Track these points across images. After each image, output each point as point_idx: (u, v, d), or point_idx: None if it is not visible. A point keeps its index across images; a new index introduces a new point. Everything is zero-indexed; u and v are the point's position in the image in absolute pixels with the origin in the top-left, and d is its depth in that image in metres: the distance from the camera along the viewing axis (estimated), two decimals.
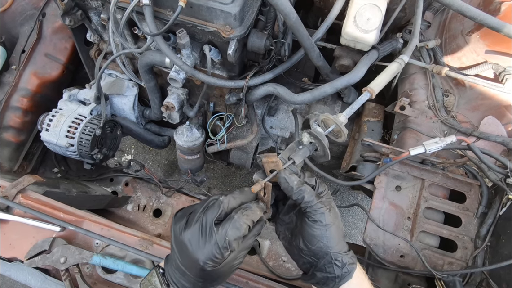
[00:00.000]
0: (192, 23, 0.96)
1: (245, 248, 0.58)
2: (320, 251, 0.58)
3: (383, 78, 0.90)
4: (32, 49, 1.28)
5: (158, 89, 1.28)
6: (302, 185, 0.58)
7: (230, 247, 0.53)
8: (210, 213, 0.55)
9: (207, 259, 0.53)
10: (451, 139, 0.92)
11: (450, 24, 1.09)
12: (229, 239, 0.53)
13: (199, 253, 0.53)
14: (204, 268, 0.54)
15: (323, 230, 0.57)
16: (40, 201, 0.81)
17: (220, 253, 0.53)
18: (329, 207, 0.58)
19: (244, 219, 0.54)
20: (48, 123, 1.17)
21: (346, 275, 0.58)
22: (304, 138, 0.66)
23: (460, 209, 1.06)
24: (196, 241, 0.54)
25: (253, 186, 0.56)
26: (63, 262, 0.72)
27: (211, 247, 0.53)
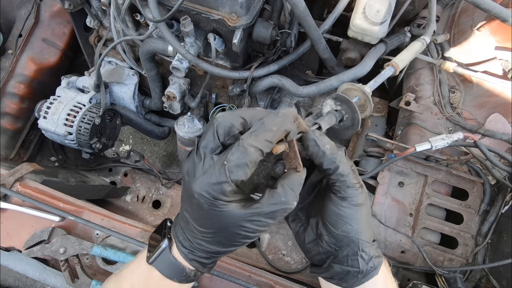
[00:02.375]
0: (196, 10, 0.93)
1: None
2: (346, 237, 0.46)
3: (406, 55, 0.87)
4: (29, 34, 1.24)
5: (160, 78, 1.25)
6: (337, 150, 0.45)
7: (231, 176, 0.39)
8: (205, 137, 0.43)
9: (202, 190, 0.40)
10: (458, 136, 0.91)
11: (459, 19, 1.07)
12: (228, 165, 0.39)
13: (193, 183, 0.41)
14: (201, 204, 0.41)
15: (353, 210, 0.45)
16: (39, 189, 0.79)
17: (217, 184, 0.39)
18: (362, 183, 0.47)
19: (255, 142, 0.40)
20: (46, 110, 1.14)
21: (372, 271, 0.47)
22: (327, 107, 0.56)
23: (462, 206, 1.06)
24: (192, 170, 0.42)
25: (276, 146, 0.42)
26: (62, 253, 0.71)
27: (207, 174, 0.40)
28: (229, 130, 0.42)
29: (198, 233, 0.46)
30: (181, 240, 0.48)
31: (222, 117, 0.43)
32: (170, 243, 0.49)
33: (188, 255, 0.48)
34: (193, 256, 0.47)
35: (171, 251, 0.49)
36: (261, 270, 0.78)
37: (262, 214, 0.42)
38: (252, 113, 0.43)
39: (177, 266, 0.48)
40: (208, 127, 0.44)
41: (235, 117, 0.42)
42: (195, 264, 0.48)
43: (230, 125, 0.42)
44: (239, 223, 0.42)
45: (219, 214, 0.42)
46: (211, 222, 0.43)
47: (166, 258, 0.49)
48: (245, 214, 0.41)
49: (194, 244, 0.47)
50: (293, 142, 0.43)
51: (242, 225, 0.42)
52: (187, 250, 0.47)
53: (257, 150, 0.40)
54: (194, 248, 0.47)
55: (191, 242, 0.47)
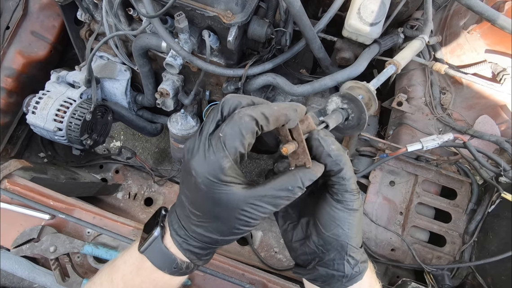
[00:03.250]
0: (191, 6, 0.92)
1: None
2: (335, 240, 0.45)
3: (407, 53, 0.87)
4: (17, 26, 1.20)
5: (153, 74, 1.24)
6: (343, 152, 0.44)
7: (227, 147, 0.38)
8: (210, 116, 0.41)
9: (199, 167, 0.38)
10: (448, 137, 0.93)
11: (451, 21, 1.09)
12: (225, 137, 0.38)
13: (191, 160, 0.39)
14: (199, 184, 0.39)
15: (347, 214, 0.44)
16: (28, 187, 0.77)
17: (215, 161, 0.38)
18: (359, 191, 0.46)
19: (249, 111, 0.38)
20: (35, 105, 1.11)
21: (357, 276, 0.46)
22: (332, 104, 0.54)
23: (450, 205, 1.08)
24: (192, 148, 0.40)
25: (285, 146, 0.41)
26: (52, 251, 0.70)
27: (205, 150, 0.39)
28: (236, 107, 0.40)
29: (194, 218, 0.43)
30: (175, 228, 0.45)
31: (231, 96, 0.41)
32: (163, 232, 0.47)
33: (182, 244, 0.45)
34: (188, 245, 0.45)
35: (163, 240, 0.46)
36: (255, 268, 0.78)
37: (265, 198, 0.40)
38: (262, 100, 0.43)
39: (168, 256, 0.46)
40: (216, 105, 0.42)
41: (245, 98, 0.41)
42: (189, 255, 0.46)
43: (238, 103, 0.41)
44: (239, 205, 0.40)
45: (218, 195, 0.39)
46: (209, 204, 0.41)
47: (157, 247, 0.46)
48: (247, 196, 0.39)
49: (189, 232, 0.44)
50: (301, 138, 0.41)
51: (243, 208, 0.40)
52: (181, 239, 0.45)
53: (253, 120, 0.38)
54: (189, 237, 0.44)
55: (187, 230, 0.44)
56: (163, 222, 0.48)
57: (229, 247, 1.27)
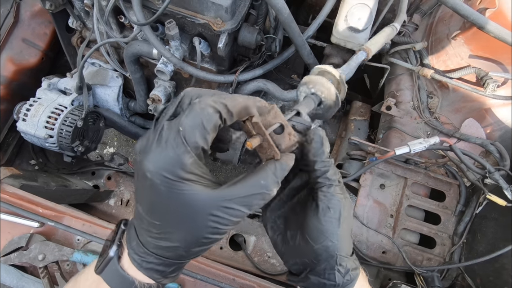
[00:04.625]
0: (182, 14, 0.93)
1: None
2: (325, 252, 0.43)
3: (378, 39, 0.87)
4: (8, 33, 1.20)
5: (144, 81, 1.24)
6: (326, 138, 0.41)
7: (188, 141, 0.32)
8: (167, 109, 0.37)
9: (156, 166, 0.33)
10: (435, 140, 0.95)
11: (436, 28, 1.12)
12: (184, 130, 0.32)
13: (145, 160, 0.33)
14: (156, 187, 0.33)
15: (335, 225, 0.42)
16: (17, 195, 0.77)
17: (174, 156, 0.32)
18: (346, 196, 0.44)
19: (210, 101, 0.33)
20: (26, 112, 1.11)
21: (348, 284, 0.45)
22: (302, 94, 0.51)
23: (439, 207, 1.10)
24: (145, 146, 0.34)
25: (249, 140, 0.37)
26: (41, 259, 0.69)
27: (161, 146, 0.33)
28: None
29: (154, 230, 0.37)
30: (133, 246, 0.39)
31: (191, 88, 0.37)
32: (120, 250, 0.41)
33: (142, 263, 0.39)
34: (148, 264, 0.39)
35: (120, 260, 0.41)
36: (245, 273, 0.78)
37: (236, 198, 0.34)
38: (223, 92, 0.38)
39: (125, 278, 0.40)
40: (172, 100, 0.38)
41: (206, 91, 0.37)
42: (152, 274, 0.39)
43: (198, 95, 0.36)
44: (207, 209, 0.34)
45: (181, 199, 0.33)
46: (170, 210, 0.35)
47: (114, 269, 0.41)
48: (216, 197, 0.34)
49: (149, 249, 0.38)
50: (264, 130, 0.38)
51: (212, 212, 0.34)
52: (140, 258, 0.39)
53: (216, 112, 0.33)
54: (149, 254, 0.38)
55: (145, 246, 0.38)
56: (120, 240, 0.42)
57: (222, 252, 1.26)
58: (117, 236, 0.43)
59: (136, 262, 0.39)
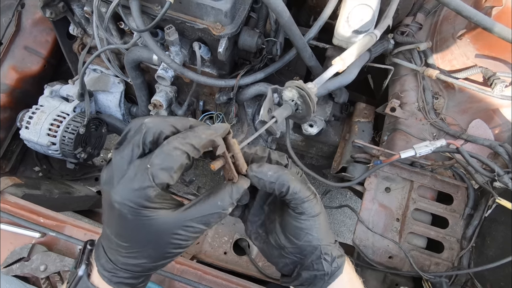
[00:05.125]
0: (181, 19, 0.93)
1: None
2: (309, 245, 0.47)
3: (355, 50, 0.87)
4: (10, 42, 1.21)
5: (146, 86, 1.24)
6: (281, 171, 0.45)
7: (156, 180, 0.36)
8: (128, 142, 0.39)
9: (123, 198, 0.37)
10: (441, 143, 0.92)
11: (441, 27, 1.09)
12: (152, 169, 0.36)
13: (112, 191, 0.38)
14: (123, 215, 0.38)
15: (312, 221, 0.46)
16: (19, 205, 0.77)
17: (140, 190, 0.36)
18: (314, 192, 0.47)
19: (179, 144, 0.37)
20: (28, 120, 1.11)
21: (336, 271, 0.48)
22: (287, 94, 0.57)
23: (447, 211, 1.08)
24: (111, 178, 0.38)
25: (212, 163, 0.42)
26: (43, 270, 0.69)
27: (128, 180, 0.37)
28: (158, 137, 0.38)
29: (123, 250, 0.41)
30: (102, 263, 0.43)
31: (152, 122, 0.39)
32: (89, 269, 0.45)
33: (112, 278, 0.43)
34: (118, 278, 0.43)
35: (90, 278, 0.45)
36: (248, 281, 0.77)
37: (195, 218, 0.40)
38: (184, 122, 0.41)
39: None
40: (132, 132, 0.39)
41: (166, 124, 0.39)
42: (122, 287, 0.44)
43: (160, 132, 0.38)
44: (170, 230, 0.39)
45: (147, 223, 0.38)
46: (137, 234, 0.39)
47: (84, 287, 0.44)
48: (178, 218, 0.39)
49: (117, 265, 0.42)
50: (226, 155, 0.42)
51: (174, 232, 0.39)
52: (110, 273, 0.43)
53: (183, 153, 0.37)
54: (118, 269, 0.42)
55: (114, 263, 0.42)
56: (88, 259, 0.46)
57: (226, 257, 1.25)
58: (84, 256, 0.46)
59: (106, 278, 0.43)
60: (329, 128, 1.41)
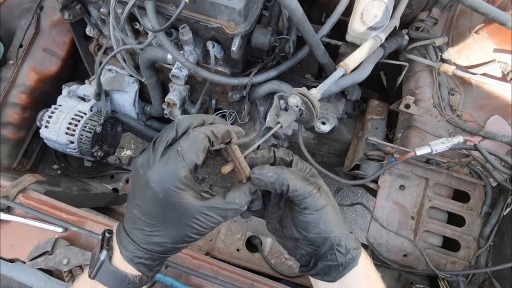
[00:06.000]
0: (195, 18, 0.94)
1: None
2: (319, 237, 0.49)
3: (358, 54, 0.87)
4: (30, 44, 1.25)
5: (160, 85, 1.26)
6: (281, 171, 0.48)
7: (185, 159, 0.43)
8: (164, 134, 0.46)
9: (158, 177, 0.43)
10: (458, 140, 0.91)
11: (458, 22, 1.07)
12: (182, 150, 0.43)
13: (149, 172, 0.43)
14: (156, 194, 0.43)
15: (317, 215, 0.48)
16: (42, 201, 0.79)
17: (173, 171, 0.42)
18: (318, 186, 0.49)
19: (202, 129, 0.45)
20: (48, 120, 1.15)
21: (351, 262, 0.49)
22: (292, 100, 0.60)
23: (464, 209, 1.06)
24: (146, 162, 0.44)
25: (223, 167, 0.49)
26: (66, 264, 0.71)
27: (163, 162, 0.43)
28: (189, 126, 0.46)
29: (148, 228, 0.46)
30: (125, 244, 0.48)
31: (183, 117, 0.47)
32: (110, 253, 0.50)
33: (133, 259, 0.48)
34: (138, 259, 0.48)
35: (112, 260, 0.49)
36: (263, 277, 0.78)
37: (215, 209, 0.45)
38: (209, 118, 0.49)
39: (119, 275, 0.48)
40: (168, 126, 0.47)
41: (196, 118, 0.48)
42: (140, 268, 0.48)
43: (190, 123, 0.46)
44: (192, 214, 0.44)
45: (175, 204, 0.44)
46: (164, 213, 0.45)
47: (107, 270, 0.49)
48: (200, 205, 0.45)
49: (140, 245, 0.47)
50: (234, 159, 0.49)
51: (195, 216, 0.45)
52: (131, 254, 0.48)
53: (206, 136, 0.45)
54: (140, 250, 0.47)
55: (137, 243, 0.47)
56: (108, 244, 0.51)
57: (238, 254, 1.27)
58: (104, 243, 0.51)
59: (128, 258, 0.48)
60: (342, 126, 1.40)
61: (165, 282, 0.71)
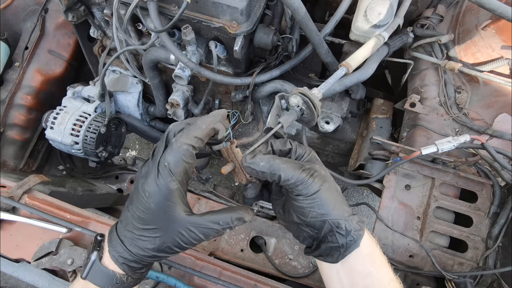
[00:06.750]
0: (197, 18, 0.94)
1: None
2: (317, 221, 0.50)
3: (361, 53, 0.85)
4: (35, 46, 1.26)
5: (163, 86, 1.26)
6: (273, 160, 0.49)
7: (174, 173, 0.46)
8: (158, 145, 0.50)
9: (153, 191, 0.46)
10: (465, 138, 0.89)
11: (464, 18, 1.05)
12: (169, 164, 0.46)
13: (145, 184, 0.47)
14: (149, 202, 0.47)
15: (310, 200, 0.49)
16: (46, 201, 0.80)
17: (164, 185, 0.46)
18: (312, 172, 0.50)
19: (183, 138, 0.47)
20: (53, 121, 1.16)
21: (352, 244, 0.49)
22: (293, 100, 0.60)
23: (471, 209, 1.04)
24: (145, 173, 0.49)
25: (223, 168, 0.51)
26: (70, 264, 0.72)
27: (156, 177, 0.47)
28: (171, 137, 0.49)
29: (137, 232, 0.49)
30: (114, 244, 0.51)
31: (172, 125, 0.51)
32: (100, 253, 0.52)
33: (118, 258, 0.50)
34: (123, 259, 0.50)
35: (102, 260, 0.52)
36: (267, 278, 0.77)
37: (198, 226, 0.48)
38: (192, 119, 0.51)
39: (108, 274, 0.51)
40: (161, 137, 0.50)
41: (182, 123, 0.51)
42: (124, 268, 0.51)
43: (174, 132, 0.49)
44: (177, 227, 0.48)
45: (164, 215, 0.47)
46: (154, 221, 0.48)
47: (97, 269, 0.52)
48: (186, 220, 0.47)
49: (127, 246, 0.50)
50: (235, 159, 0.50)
51: (179, 230, 0.48)
52: (118, 254, 0.50)
53: (189, 146, 0.47)
54: (126, 251, 0.50)
55: (125, 244, 0.50)
56: (99, 246, 0.54)
57: (242, 254, 1.26)
58: (95, 245, 0.54)
59: (114, 257, 0.51)
60: (346, 125, 1.39)
61: (168, 283, 0.71)
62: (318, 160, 0.55)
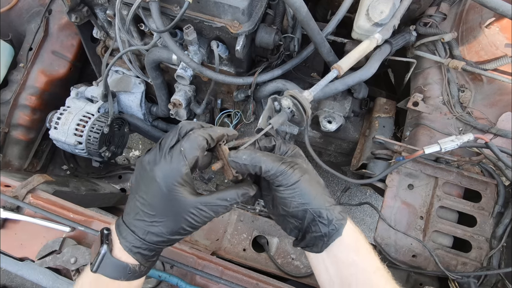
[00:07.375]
0: (199, 18, 0.94)
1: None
2: (299, 211, 0.52)
3: (353, 56, 0.85)
4: (39, 47, 1.27)
5: (165, 86, 1.27)
6: (254, 154, 0.52)
7: (187, 158, 0.49)
8: (168, 136, 0.52)
9: (163, 173, 0.48)
10: (468, 137, 0.88)
11: (467, 16, 1.04)
12: (184, 150, 0.49)
13: (155, 169, 0.49)
14: (160, 188, 0.48)
15: (290, 190, 0.51)
16: (50, 200, 0.81)
17: (176, 168, 0.48)
18: (292, 164, 0.52)
19: (200, 132, 0.51)
20: (57, 121, 1.17)
21: (334, 233, 0.51)
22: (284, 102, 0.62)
23: (475, 208, 1.03)
24: (153, 160, 0.50)
25: (213, 165, 0.55)
26: (73, 263, 0.72)
27: (168, 160, 0.49)
28: (190, 130, 0.52)
29: (148, 219, 0.50)
30: (124, 235, 0.52)
31: (186, 122, 0.53)
32: (110, 246, 0.53)
33: (132, 248, 0.51)
34: (137, 249, 0.52)
35: (112, 253, 0.53)
36: (269, 277, 0.77)
37: (208, 205, 0.50)
38: (207, 124, 0.55)
39: (120, 265, 0.52)
40: (171, 130, 0.52)
41: (195, 123, 0.54)
42: (138, 257, 0.52)
43: (191, 127, 0.52)
44: (188, 208, 0.49)
45: (175, 198, 0.49)
46: (165, 205, 0.49)
47: (108, 262, 0.52)
48: (195, 201, 0.49)
49: (139, 235, 0.51)
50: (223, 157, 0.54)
51: (190, 210, 0.49)
52: (130, 244, 0.51)
53: (204, 139, 0.51)
54: (138, 240, 0.51)
55: (137, 234, 0.51)
56: (108, 239, 0.54)
57: (245, 253, 1.27)
58: (103, 238, 0.54)
59: (127, 248, 0.52)
60: (349, 125, 1.39)
61: (171, 282, 0.71)
62: (302, 156, 0.57)
